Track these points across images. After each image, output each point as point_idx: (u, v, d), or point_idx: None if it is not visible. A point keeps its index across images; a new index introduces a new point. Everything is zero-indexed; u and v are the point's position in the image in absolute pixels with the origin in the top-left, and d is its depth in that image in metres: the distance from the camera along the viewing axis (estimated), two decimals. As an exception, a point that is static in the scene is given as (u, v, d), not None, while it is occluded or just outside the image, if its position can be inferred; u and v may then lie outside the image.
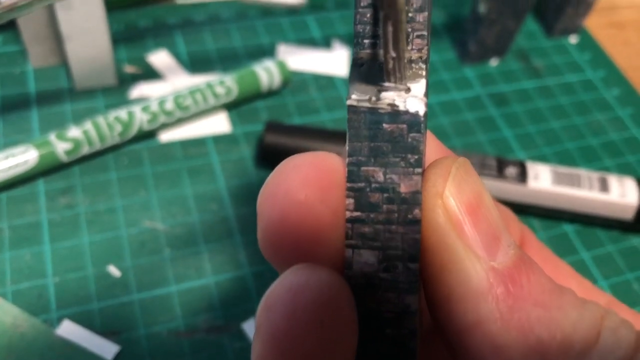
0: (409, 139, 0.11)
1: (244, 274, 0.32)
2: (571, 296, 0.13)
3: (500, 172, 0.35)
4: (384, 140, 0.11)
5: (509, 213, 0.18)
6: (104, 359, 0.28)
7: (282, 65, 0.39)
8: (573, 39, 0.48)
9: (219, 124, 0.38)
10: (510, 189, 0.35)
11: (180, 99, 0.36)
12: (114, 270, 0.31)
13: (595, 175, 0.36)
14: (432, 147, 0.15)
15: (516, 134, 0.41)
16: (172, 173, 0.35)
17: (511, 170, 0.35)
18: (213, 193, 0.35)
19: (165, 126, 0.36)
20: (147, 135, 0.36)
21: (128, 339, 0.29)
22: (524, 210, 0.36)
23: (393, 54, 0.11)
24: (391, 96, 0.11)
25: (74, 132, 0.33)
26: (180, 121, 0.36)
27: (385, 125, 0.11)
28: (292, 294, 0.11)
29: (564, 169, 0.36)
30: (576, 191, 0.35)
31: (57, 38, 0.37)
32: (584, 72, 0.46)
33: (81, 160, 0.34)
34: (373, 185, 0.11)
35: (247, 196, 0.35)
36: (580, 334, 0.12)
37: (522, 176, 0.35)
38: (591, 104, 0.44)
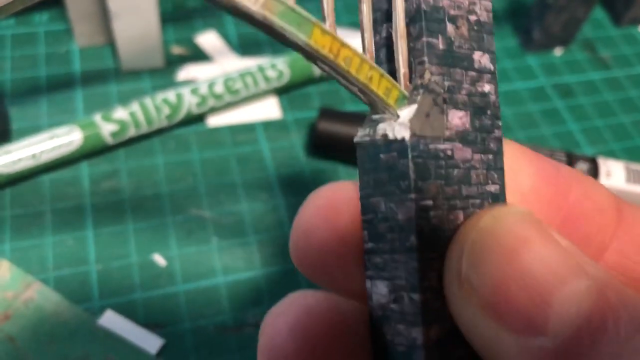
0: (400, 166, 0.11)
1: (295, 267, 0.30)
2: None
3: (570, 168, 0.32)
4: (382, 171, 0.11)
5: None
6: (148, 353, 0.26)
7: (336, 49, 0.37)
8: (643, 29, 0.45)
9: (269, 109, 0.36)
10: (581, 186, 0.32)
11: (230, 82, 0.34)
12: (159, 259, 0.29)
13: (673, 174, 0.33)
14: (513, 156, 0.13)
15: (583, 128, 0.38)
16: (220, 159, 0.33)
17: (582, 166, 0.33)
18: (262, 181, 0.33)
19: (214, 110, 0.34)
20: (195, 119, 0.34)
21: (173, 332, 0.27)
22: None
23: (353, 88, 0.11)
24: (384, 127, 0.11)
25: (120, 113, 0.32)
26: (229, 105, 0.35)
27: (382, 156, 0.11)
28: (275, 317, 0.12)
29: (639, 166, 0.33)
30: (653, 191, 0.32)
31: (104, 16, 0.35)
32: (655, 64, 0.43)
33: (127, 143, 0.33)
34: (379, 215, 0.12)
35: (297, 185, 0.33)
36: None
37: (593, 173, 0.32)
38: (664, 98, 0.41)
